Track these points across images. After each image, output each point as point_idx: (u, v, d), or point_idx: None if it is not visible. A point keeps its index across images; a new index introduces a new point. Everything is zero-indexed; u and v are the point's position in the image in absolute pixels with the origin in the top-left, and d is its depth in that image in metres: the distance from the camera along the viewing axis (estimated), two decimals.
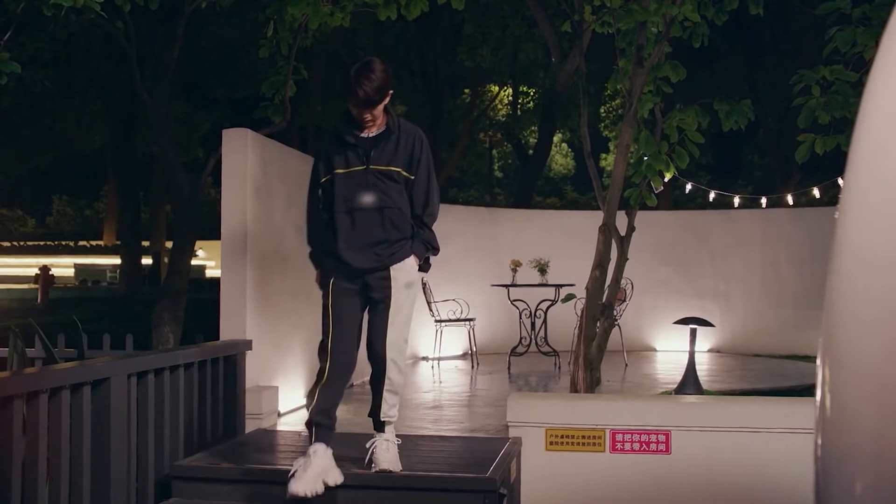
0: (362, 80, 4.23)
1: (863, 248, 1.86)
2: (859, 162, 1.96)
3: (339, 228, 4.43)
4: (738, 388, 9.10)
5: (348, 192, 4.41)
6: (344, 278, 4.49)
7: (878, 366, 1.76)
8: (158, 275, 30.18)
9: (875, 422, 1.75)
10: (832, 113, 6.44)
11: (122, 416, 4.51)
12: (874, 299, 1.79)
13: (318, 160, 4.60)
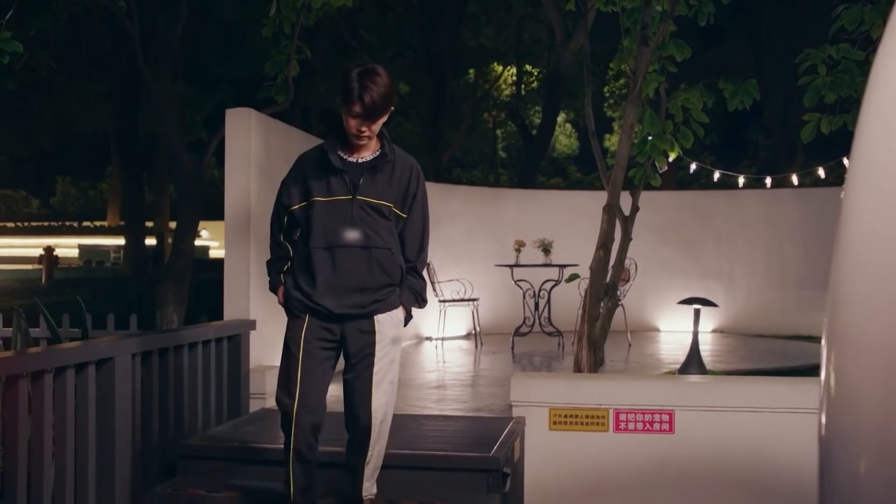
0: (368, 84, 3.61)
1: (869, 228, 1.85)
2: (866, 141, 1.95)
3: (316, 267, 3.76)
4: (742, 368, 9.11)
5: (329, 224, 3.75)
6: (318, 324, 3.83)
7: (883, 345, 1.75)
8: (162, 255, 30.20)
9: (880, 401, 1.75)
10: (838, 92, 6.40)
11: (127, 396, 4.52)
12: (880, 279, 1.79)
13: (290, 182, 3.93)
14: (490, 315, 11.91)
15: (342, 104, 3.67)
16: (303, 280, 3.83)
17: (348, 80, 3.64)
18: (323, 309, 3.79)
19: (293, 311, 3.90)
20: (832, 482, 1.90)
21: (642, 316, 12.62)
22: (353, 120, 3.67)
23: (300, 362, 3.85)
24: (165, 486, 4.75)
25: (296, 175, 3.94)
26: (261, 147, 6.71)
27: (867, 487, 1.77)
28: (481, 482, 4.56)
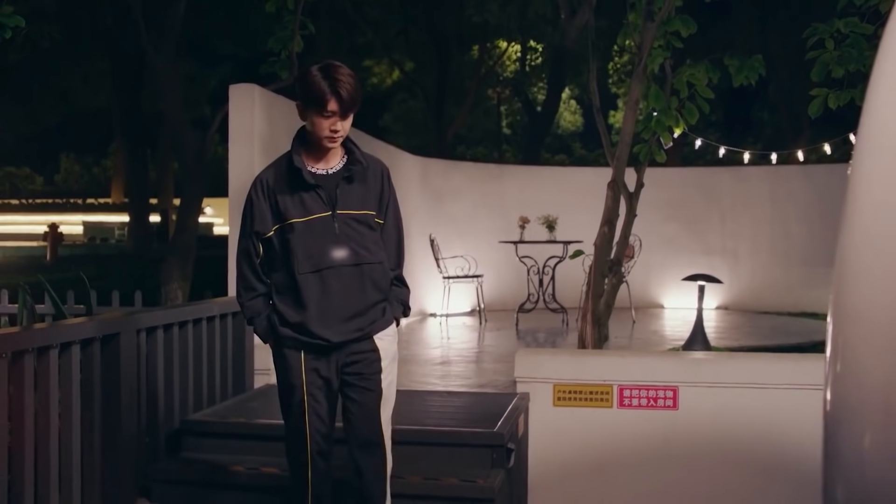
0: (338, 77, 3.30)
1: (877, 203, 1.84)
2: (874, 116, 1.93)
3: (305, 294, 3.37)
4: (746, 344, 9.11)
5: (313, 246, 3.37)
6: (316, 358, 3.45)
7: (889, 322, 1.75)
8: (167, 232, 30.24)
9: (885, 376, 1.75)
10: (846, 67, 6.36)
11: (132, 372, 4.54)
12: (887, 255, 1.78)
13: (256, 207, 3.43)
14: (494, 291, 11.92)
15: (310, 106, 3.34)
16: (291, 312, 3.41)
17: (312, 78, 3.31)
18: (321, 341, 3.41)
19: (284, 349, 3.47)
20: (837, 457, 1.90)
21: (647, 292, 12.62)
22: (325, 121, 3.33)
23: (306, 413, 3.48)
24: (171, 461, 4.78)
25: (261, 198, 3.43)
26: (264, 123, 6.69)
27: (872, 462, 1.77)
28: (485, 458, 4.58)
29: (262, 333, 3.53)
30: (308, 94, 3.32)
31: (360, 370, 3.49)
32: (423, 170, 12.03)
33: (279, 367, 3.53)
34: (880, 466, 1.75)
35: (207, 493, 4.60)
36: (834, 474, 1.92)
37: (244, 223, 3.46)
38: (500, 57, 30.50)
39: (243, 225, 3.46)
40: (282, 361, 3.50)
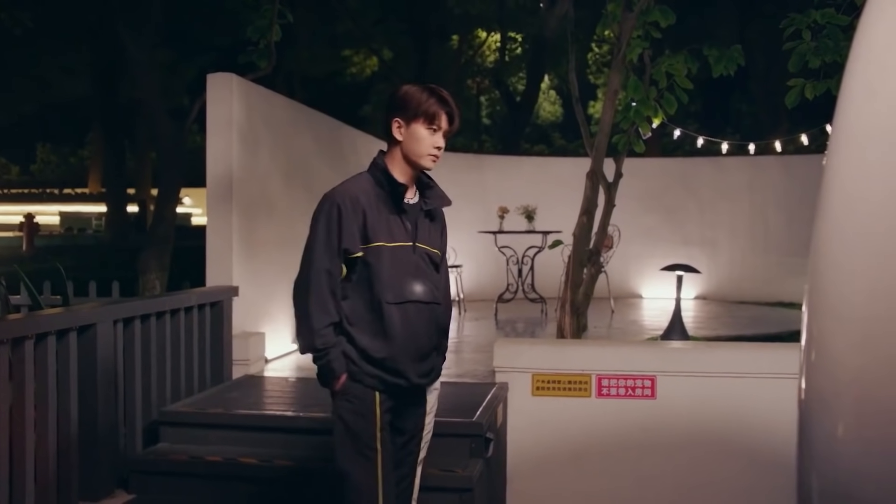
0: (446, 94, 3.10)
1: (850, 193, 1.85)
2: (848, 107, 1.94)
3: (390, 326, 3.03)
4: (724, 334, 9.16)
5: (395, 275, 3.06)
6: (389, 399, 3.10)
7: (862, 311, 1.76)
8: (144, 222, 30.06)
9: (858, 365, 1.76)
10: (823, 57, 6.39)
11: (109, 363, 4.51)
12: (861, 245, 1.79)
13: (344, 221, 3.02)
14: (473, 281, 11.93)
15: (415, 120, 3.06)
16: (376, 346, 3.04)
17: (420, 92, 3.07)
18: (402, 381, 3.09)
19: (359, 388, 3.06)
20: (811, 445, 1.91)
21: (625, 283, 12.67)
22: (431, 136, 3.08)
23: (379, 467, 3.06)
24: (148, 451, 4.76)
25: (350, 212, 3.02)
26: (243, 112, 6.65)
27: (844, 450, 1.79)
28: (464, 447, 4.59)
29: (338, 368, 3.03)
30: (416, 107, 3.05)
31: (409, 426, 3.23)
32: None
33: (348, 408, 3.06)
34: (853, 456, 1.77)
35: (185, 483, 4.58)
36: (807, 463, 1.93)
37: (326, 238, 3.01)
38: (480, 47, 30.47)
39: (326, 239, 3.01)
40: (357, 403, 3.05)
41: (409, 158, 3.12)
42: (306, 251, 3.08)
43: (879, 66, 1.85)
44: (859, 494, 1.74)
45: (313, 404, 5.13)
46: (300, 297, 3.05)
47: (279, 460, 4.57)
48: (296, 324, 3.09)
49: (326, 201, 3.08)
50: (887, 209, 1.74)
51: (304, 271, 3.07)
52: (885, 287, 1.71)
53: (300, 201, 7.98)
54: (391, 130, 3.12)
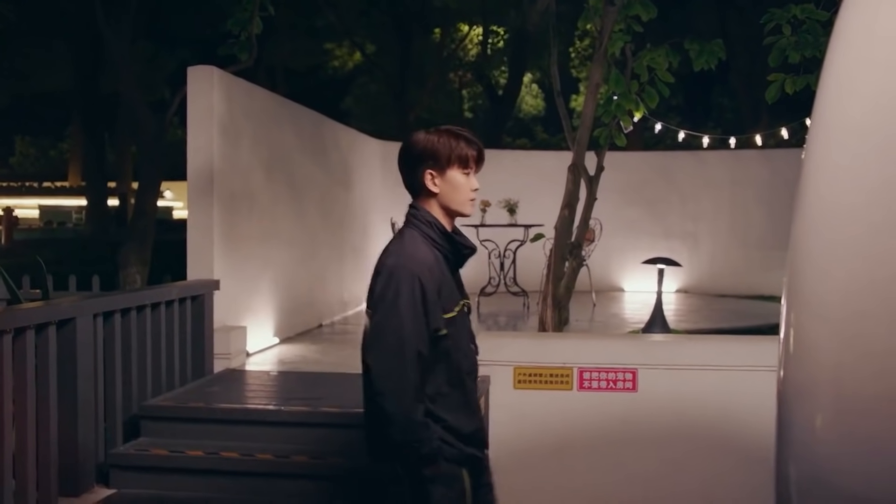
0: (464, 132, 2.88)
1: (828, 188, 1.87)
2: (827, 101, 1.96)
3: (471, 397, 2.87)
4: (705, 327, 9.22)
5: (464, 342, 2.87)
6: (470, 474, 2.85)
7: (840, 302, 1.77)
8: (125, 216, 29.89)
9: (835, 357, 1.77)
10: (802, 52, 6.43)
11: (89, 357, 4.48)
12: (838, 237, 1.80)
13: (429, 298, 2.71)
14: None
15: (449, 167, 2.82)
16: (465, 421, 2.82)
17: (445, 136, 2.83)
18: (481, 455, 2.90)
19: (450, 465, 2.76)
20: (789, 436, 1.92)
21: (607, 276, 12.70)
22: (467, 180, 2.85)
23: None
24: (129, 446, 4.74)
25: (428, 286, 2.72)
26: (224, 105, 6.63)
27: (822, 441, 1.80)
28: None
29: (434, 452, 2.69)
30: (448, 154, 2.81)
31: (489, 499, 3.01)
32: (385, 153, 11.99)
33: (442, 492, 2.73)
34: (830, 445, 1.78)
35: (166, 478, 4.56)
36: (786, 453, 1.95)
37: (413, 316, 2.67)
38: (462, 40, 30.44)
39: (413, 319, 2.66)
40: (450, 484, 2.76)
41: (450, 208, 2.86)
42: (390, 335, 2.67)
43: (857, 62, 1.86)
44: (836, 485, 1.75)
45: (294, 398, 5.12)
46: (390, 385, 2.64)
47: (261, 454, 4.56)
48: (385, 416, 2.65)
49: (403, 275, 2.70)
50: (864, 204, 1.75)
51: (391, 357, 2.66)
52: (861, 281, 1.73)
53: (282, 195, 7.96)
54: (423, 184, 2.83)
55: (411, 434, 2.64)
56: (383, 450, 2.75)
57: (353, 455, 4.50)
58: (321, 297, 9.03)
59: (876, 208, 1.73)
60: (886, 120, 1.75)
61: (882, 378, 1.69)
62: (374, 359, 2.68)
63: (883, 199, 1.72)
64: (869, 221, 1.73)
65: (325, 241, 9.17)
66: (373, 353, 2.69)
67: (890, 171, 1.72)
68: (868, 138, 1.77)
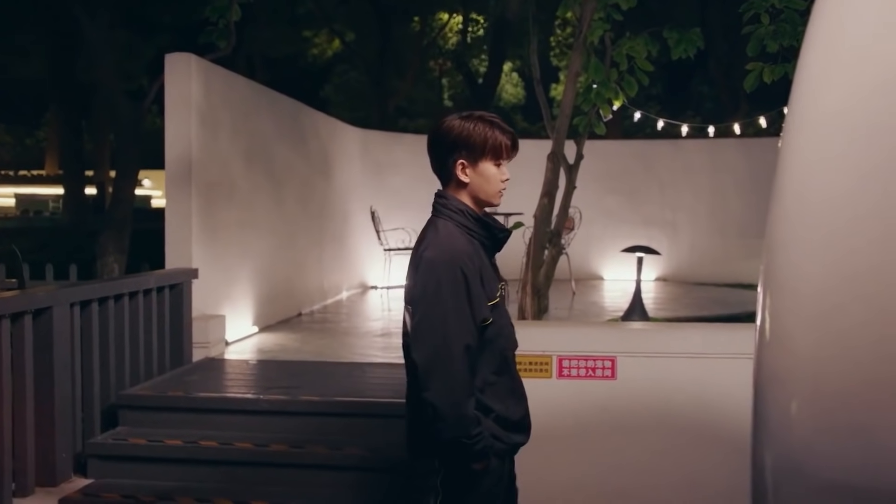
0: (497, 119, 2.83)
1: (804, 175, 1.87)
2: (804, 89, 1.96)
3: (516, 382, 2.87)
4: (684, 315, 9.25)
5: (508, 327, 2.85)
6: (511, 463, 2.91)
7: (816, 290, 1.78)
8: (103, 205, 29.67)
9: (812, 344, 1.78)
10: (781, 41, 6.45)
11: (66, 346, 4.46)
12: (814, 225, 1.81)
13: (473, 289, 2.63)
14: None
15: (483, 157, 2.77)
16: (514, 408, 2.81)
17: (478, 125, 2.75)
18: (525, 441, 2.91)
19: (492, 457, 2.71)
20: (765, 424, 1.94)
21: (587, 264, 12.74)
22: (498, 171, 2.82)
23: None
24: (107, 436, 4.72)
25: (472, 277, 2.63)
26: (202, 93, 6.58)
27: (798, 429, 1.81)
28: None
29: (485, 449, 2.66)
30: (483, 144, 2.75)
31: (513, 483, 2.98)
32: (364, 142, 11.96)
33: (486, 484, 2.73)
34: (805, 433, 1.79)
35: (145, 467, 4.55)
36: (761, 440, 1.96)
37: (458, 308, 2.58)
38: (442, 29, 30.37)
39: (458, 310, 2.58)
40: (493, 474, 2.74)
41: (479, 198, 2.81)
42: (437, 329, 2.58)
43: (833, 51, 1.87)
44: (812, 471, 1.76)
45: (273, 386, 5.11)
46: (439, 382, 2.56)
47: (240, 443, 4.56)
48: (436, 412, 2.56)
49: (444, 267, 2.62)
50: (840, 191, 1.76)
51: (439, 352, 2.57)
52: (837, 268, 1.74)
53: (261, 183, 7.92)
54: (453, 172, 2.79)
55: (462, 430, 2.57)
56: (429, 447, 2.70)
57: (332, 443, 4.50)
58: (301, 286, 9.01)
59: (851, 198, 1.74)
60: (862, 110, 1.76)
61: (856, 365, 1.71)
62: (420, 356, 2.59)
63: (859, 189, 1.73)
64: (844, 211, 1.74)
65: (304, 229, 9.15)
66: (419, 350, 2.60)
67: (866, 161, 1.73)
68: (844, 128, 1.78)
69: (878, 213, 1.69)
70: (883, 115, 1.72)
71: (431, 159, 2.85)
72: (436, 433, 2.59)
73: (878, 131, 1.73)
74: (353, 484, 4.34)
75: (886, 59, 1.75)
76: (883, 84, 1.74)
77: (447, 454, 2.68)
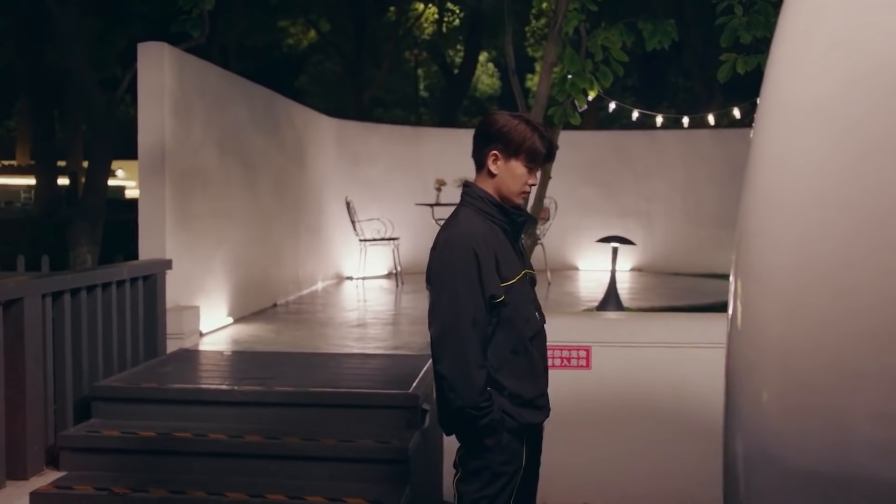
0: (544, 131, 2.91)
1: (775, 164, 1.88)
2: (775, 79, 1.97)
3: (533, 362, 2.93)
4: (658, 305, 9.30)
5: (526, 309, 2.93)
6: (533, 444, 3.02)
7: (786, 279, 1.80)
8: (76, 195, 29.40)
9: (782, 332, 1.80)
10: (754, 32, 6.49)
11: (37, 338, 4.42)
12: (785, 214, 1.82)
13: (484, 267, 2.78)
14: (411, 254, 11.91)
15: (516, 156, 2.87)
16: (523, 385, 2.89)
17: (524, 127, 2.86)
18: (545, 415, 3.04)
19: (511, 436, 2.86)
20: (736, 411, 1.95)
21: (562, 255, 12.77)
22: (527, 173, 2.90)
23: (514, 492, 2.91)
24: (79, 428, 4.68)
25: (484, 255, 2.79)
26: (175, 83, 6.53)
27: (768, 415, 1.83)
28: (400, 419, 4.60)
29: (500, 423, 2.81)
30: (520, 143, 2.85)
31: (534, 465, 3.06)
32: (340, 132, 11.92)
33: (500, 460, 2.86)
34: (776, 419, 1.81)
35: (118, 459, 4.52)
36: (733, 428, 1.97)
37: (468, 286, 2.75)
38: (418, 19, 30.29)
39: (468, 288, 2.75)
40: (508, 452, 2.87)
41: (502, 192, 2.92)
42: (447, 304, 2.77)
43: (803, 40, 1.88)
44: (782, 458, 1.78)
45: (248, 377, 5.10)
46: (449, 353, 2.75)
47: (214, 434, 4.53)
48: (447, 382, 2.75)
49: (457, 247, 2.80)
50: (811, 180, 1.77)
51: (449, 325, 2.75)
52: (807, 256, 1.75)
53: (236, 173, 7.88)
54: (486, 162, 2.92)
55: (470, 400, 2.72)
56: (447, 418, 2.87)
57: (307, 433, 4.49)
58: (276, 277, 8.98)
59: (821, 183, 1.75)
60: (832, 101, 1.77)
61: (826, 353, 1.72)
62: (433, 330, 2.79)
63: (828, 175, 1.74)
64: (814, 198, 1.76)
65: (279, 219, 9.11)
66: (432, 325, 2.80)
67: (835, 152, 1.74)
68: (814, 119, 1.79)
69: (847, 203, 1.71)
70: (852, 106, 1.74)
71: (473, 146, 3.00)
72: (447, 404, 2.78)
73: (847, 122, 1.74)
74: (328, 474, 4.33)
75: (856, 50, 1.76)
76: (853, 75, 1.75)
77: (458, 425, 2.86)
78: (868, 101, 1.72)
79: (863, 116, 1.72)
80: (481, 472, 2.86)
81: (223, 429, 4.59)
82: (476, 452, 2.86)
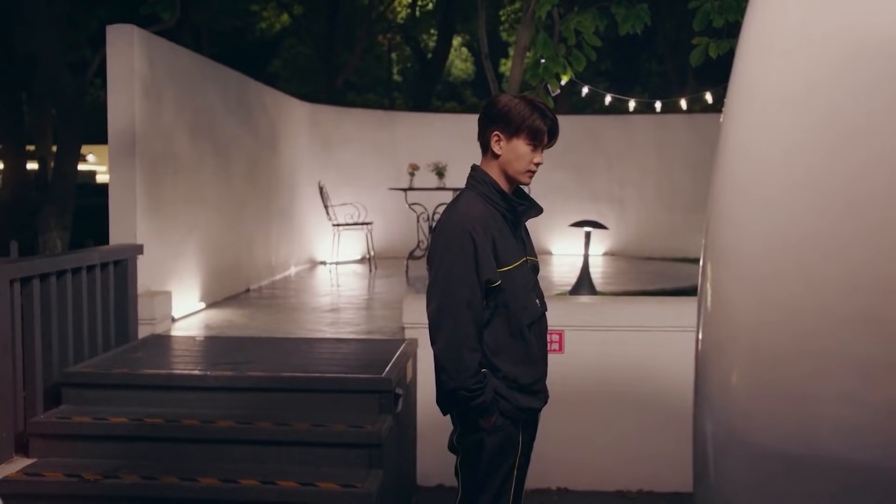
0: (548, 110, 2.95)
1: (745, 147, 1.90)
2: (744, 63, 1.98)
3: (531, 348, 2.94)
4: (631, 289, 9.35)
5: (525, 295, 2.94)
6: (527, 429, 3.05)
7: (755, 260, 1.81)
8: (45, 180, 29.09)
9: (751, 314, 1.81)
10: (726, 16, 6.51)
11: (6, 323, 4.38)
12: (754, 196, 1.83)
13: (480, 250, 2.82)
14: (384, 239, 11.91)
15: (518, 135, 2.90)
16: (520, 370, 2.92)
17: (525, 106, 2.90)
18: (543, 401, 3.07)
19: (506, 420, 2.90)
20: (706, 393, 1.96)
21: (535, 239, 12.58)
22: (531, 153, 2.94)
23: (511, 498, 2.98)
24: (50, 414, 4.65)
25: (482, 239, 2.82)
26: (145, 66, 6.47)
27: (737, 397, 1.84)
28: (373, 403, 4.60)
29: (493, 405, 2.85)
30: (520, 122, 2.89)
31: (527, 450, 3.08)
32: (313, 116, 11.86)
33: (494, 443, 2.90)
34: (745, 401, 1.83)
35: (89, 446, 4.50)
36: (703, 410, 1.99)
37: (463, 269, 2.79)
38: (391, 3, 30.14)
39: (463, 271, 2.79)
40: (503, 436, 2.91)
41: (508, 173, 2.97)
42: (441, 286, 2.83)
43: (773, 23, 1.89)
44: (750, 439, 1.80)
45: (220, 362, 5.08)
46: (443, 334, 2.81)
47: (186, 419, 4.52)
48: (439, 363, 2.83)
49: (454, 230, 2.84)
50: (779, 162, 1.78)
51: (443, 307, 2.82)
52: (776, 239, 1.76)
53: (207, 157, 7.82)
54: (489, 143, 2.97)
55: (462, 380, 2.78)
56: (442, 398, 2.92)
57: (279, 418, 4.49)
58: (248, 262, 8.94)
59: (790, 168, 1.76)
60: (797, 84, 1.78)
61: (795, 335, 1.74)
62: (430, 309, 2.86)
63: (797, 159, 1.76)
64: (783, 181, 1.77)
65: (252, 204, 9.06)
66: (429, 304, 2.87)
67: (804, 134, 1.76)
68: (781, 102, 1.80)
69: (816, 189, 1.72)
70: (821, 91, 1.75)
71: (478, 127, 3.05)
72: (441, 384, 2.85)
73: (816, 108, 1.75)
74: (301, 459, 4.33)
75: (825, 36, 1.77)
76: (822, 61, 1.76)
77: (451, 405, 2.92)
78: (838, 87, 1.73)
79: (832, 102, 1.73)
80: (479, 453, 2.91)
81: (195, 414, 4.57)
82: (471, 433, 2.91)
